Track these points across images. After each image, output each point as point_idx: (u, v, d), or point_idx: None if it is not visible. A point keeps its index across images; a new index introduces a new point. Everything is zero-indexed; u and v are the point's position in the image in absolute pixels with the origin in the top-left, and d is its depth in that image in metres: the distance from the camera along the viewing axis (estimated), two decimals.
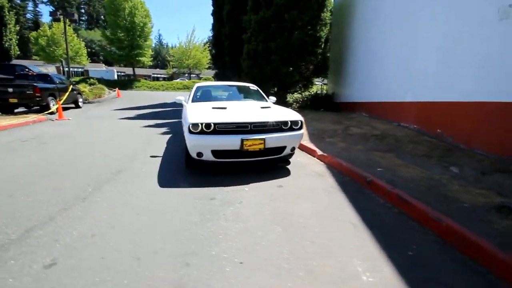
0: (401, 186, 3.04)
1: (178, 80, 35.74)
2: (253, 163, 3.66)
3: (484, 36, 4.00)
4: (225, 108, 3.90)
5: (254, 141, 3.41)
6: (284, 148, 3.70)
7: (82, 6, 61.39)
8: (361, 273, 1.69)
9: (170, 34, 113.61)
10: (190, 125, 3.39)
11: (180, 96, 5.01)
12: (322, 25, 10.36)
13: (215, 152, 3.47)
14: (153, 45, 30.93)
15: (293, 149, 3.84)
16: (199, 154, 3.50)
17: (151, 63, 31.55)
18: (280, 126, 3.63)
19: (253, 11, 10.98)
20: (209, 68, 39.86)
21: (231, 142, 3.40)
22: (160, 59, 50.12)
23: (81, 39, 32.14)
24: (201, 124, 3.38)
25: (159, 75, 44.59)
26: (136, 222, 2.38)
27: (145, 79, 34.60)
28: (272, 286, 1.63)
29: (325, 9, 10.28)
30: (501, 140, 3.74)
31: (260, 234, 2.20)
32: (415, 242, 2.10)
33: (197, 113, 3.64)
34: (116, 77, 35.06)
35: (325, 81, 15.01)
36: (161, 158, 4.57)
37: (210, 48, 34.04)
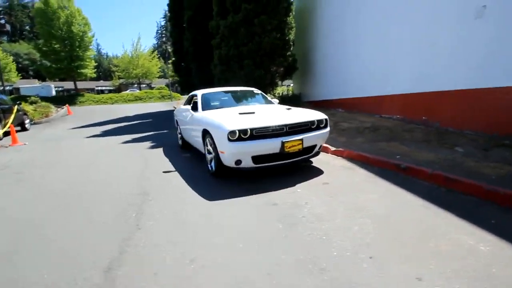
0: (431, 168, 3.38)
1: (128, 91, 33.44)
2: (287, 164, 3.67)
3: (461, 33, 4.67)
4: (253, 112, 3.85)
5: (294, 142, 3.45)
6: (315, 146, 3.82)
7: (2, 17, 53.36)
8: (476, 245, 1.88)
9: (107, 43, 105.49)
10: (229, 133, 3.28)
11: (180, 106, 4.78)
12: (289, 29, 10.79)
13: (254, 158, 3.41)
14: (93, 55, 28.37)
15: (320, 147, 3.97)
16: (238, 162, 3.41)
17: (94, 75, 28.94)
18: (309, 126, 3.72)
19: (220, 16, 10.94)
20: (160, 77, 38.18)
21: (272, 145, 3.39)
22: (101, 70, 46.22)
23: (7, 53, 28.00)
24: (239, 130, 3.30)
25: (103, 87, 40.97)
26: (224, 240, 2.22)
27: (89, 92, 31.67)
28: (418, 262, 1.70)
29: (290, 13, 10.74)
30: (487, 121, 4.40)
31: (363, 227, 2.26)
32: (489, 212, 2.38)
33: (229, 120, 3.53)
34: (54, 93, 31.28)
35: (290, 82, 15.58)
36: (176, 172, 4.30)
37: (159, 56, 32.61)
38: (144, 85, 39.43)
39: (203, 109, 4.56)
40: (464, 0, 4.60)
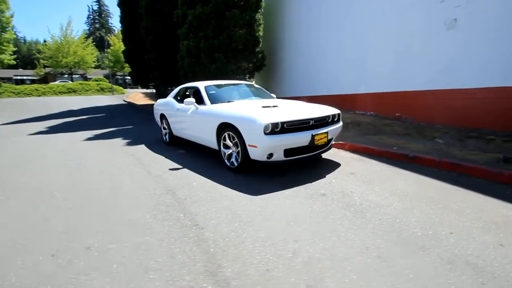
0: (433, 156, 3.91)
1: (57, 82, 29.07)
2: (311, 157, 3.79)
3: (434, 41, 5.43)
4: (276, 106, 3.83)
5: (321, 135, 3.58)
6: (331, 139, 4.02)
7: None
8: None
9: (24, 26, 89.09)
10: (264, 126, 3.23)
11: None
12: (258, 25, 10.87)
13: (286, 151, 3.44)
14: (11, 39, 23.88)
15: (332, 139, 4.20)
16: (270, 156, 3.39)
17: (13, 62, 24.40)
18: (330, 120, 3.90)
19: (186, 5, 10.38)
20: (97, 67, 34.40)
21: (304, 138, 3.46)
22: (20, 57, 38.83)
23: None
24: (273, 124, 3.29)
25: (24, 77, 34.48)
26: (309, 231, 2.21)
27: (5, 82, 26.68)
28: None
29: (260, 9, 10.82)
30: (455, 116, 5.24)
31: (422, 210, 2.50)
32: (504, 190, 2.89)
33: (260, 113, 3.46)
34: None
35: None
36: (184, 169, 4.03)
37: (94, 43, 29.29)
38: (77, 76, 34.79)
39: (211, 102, 4.35)
40: (436, 13, 5.35)
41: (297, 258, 1.87)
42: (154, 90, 15.92)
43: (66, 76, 33.54)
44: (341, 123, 4.15)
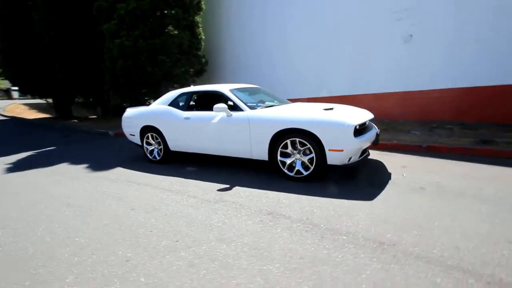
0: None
1: None
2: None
3: (393, 53, 6.53)
4: (332, 108, 3.69)
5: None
6: None
7: None
8: None
9: None
10: (354, 129, 3.11)
11: (219, 104, 3.75)
12: (198, 27, 10.16)
13: (361, 152, 3.41)
14: None
15: None
16: (350, 158, 3.27)
17: None
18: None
19: None
20: None
21: (373, 138, 3.51)
22: None
23: None
24: (359, 125, 3.24)
25: None
26: (452, 228, 2.24)
27: None
28: None
29: (200, 12, 10.15)
30: (415, 112, 6.45)
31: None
32: None
33: (341, 115, 3.28)
34: None
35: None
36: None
37: None
38: None
39: (250, 108, 3.80)
40: (394, 30, 6.47)
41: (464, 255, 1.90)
42: (50, 101, 12.36)
43: None
44: None
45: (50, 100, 12.22)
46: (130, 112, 5.07)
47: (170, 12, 8.90)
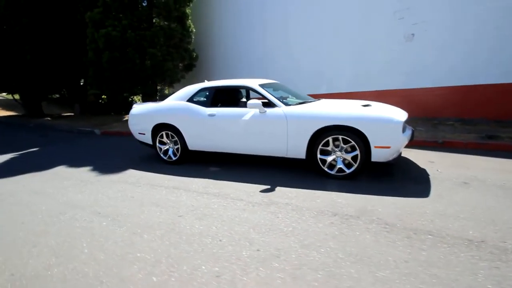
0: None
1: None
2: None
3: (396, 50, 6.71)
4: (370, 105, 3.65)
5: None
6: None
7: None
8: None
9: None
10: (402, 125, 3.11)
11: (253, 100, 3.54)
12: (188, 19, 9.65)
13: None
14: None
15: None
16: (395, 154, 3.27)
17: None
18: None
19: None
20: None
21: (410, 135, 3.53)
22: None
23: None
24: (405, 122, 3.23)
25: None
26: None
27: None
28: None
29: (190, 4, 9.64)
30: (416, 109, 6.71)
31: None
32: None
33: (387, 112, 3.26)
34: None
35: None
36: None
37: None
38: None
39: (286, 104, 3.63)
40: (396, 28, 6.65)
41: None
42: (17, 97, 11.06)
43: None
44: None
45: (17, 97, 10.92)
46: (139, 109, 4.64)
47: (160, 1, 8.33)
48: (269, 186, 3.26)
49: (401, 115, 3.34)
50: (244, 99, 4.89)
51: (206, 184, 3.47)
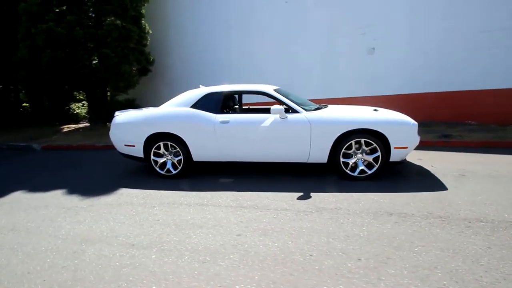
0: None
1: None
2: None
3: (357, 62, 7.41)
4: (377, 110, 3.88)
5: None
6: None
7: None
8: None
9: None
10: (417, 127, 3.42)
11: (276, 106, 3.42)
12: (141, 20, 8.79)
13: None
14: None
15: None
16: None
17: None
18: None
19: None
20: None
21: None
22: None
23: None
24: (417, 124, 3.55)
25: None
26: None
27: None
28: None
29: (146, 4, 8.81)
30: None
31: None
32: None
33: (400, 115, 3.50)
34: None
35: None
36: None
37: None
38: None
39: (301, 107, 3.61)
40: (359, 43, 7.37)
41: None
42: None
43: None
44: None
45: None
46: (124, 117, 3.98)
47: None
48: (301, 193, 3.16)
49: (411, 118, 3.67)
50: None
51: (233, 197, 3.16)
